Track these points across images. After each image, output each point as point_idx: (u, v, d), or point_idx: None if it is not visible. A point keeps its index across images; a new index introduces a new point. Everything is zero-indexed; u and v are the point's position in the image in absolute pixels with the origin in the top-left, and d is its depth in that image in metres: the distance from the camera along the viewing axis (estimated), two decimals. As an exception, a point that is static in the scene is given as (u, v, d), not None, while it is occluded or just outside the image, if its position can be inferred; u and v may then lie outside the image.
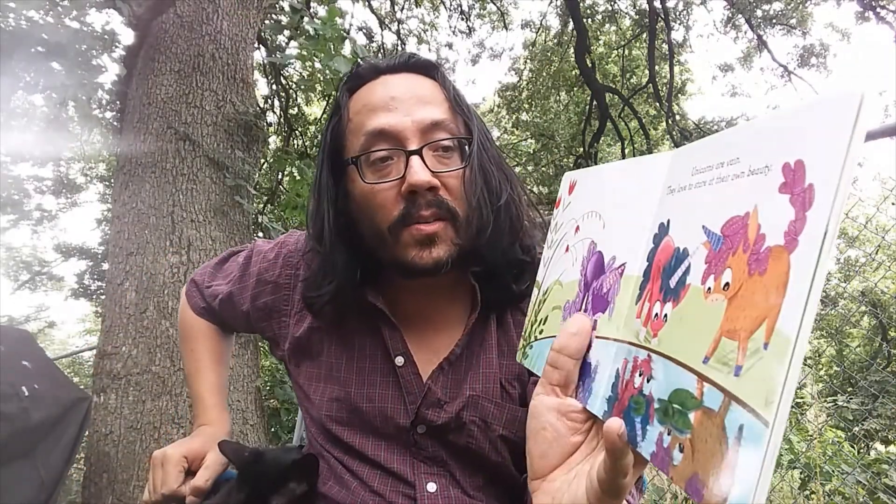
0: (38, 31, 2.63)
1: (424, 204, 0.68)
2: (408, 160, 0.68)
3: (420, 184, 0.66)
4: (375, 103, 0.71)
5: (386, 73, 0.75)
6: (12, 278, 11.96)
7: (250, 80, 2.98)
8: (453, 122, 0.71)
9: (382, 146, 0.69)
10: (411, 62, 0.76)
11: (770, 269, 0.30)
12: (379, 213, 0.70)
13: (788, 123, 0.32)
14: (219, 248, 2.53)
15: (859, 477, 2.49)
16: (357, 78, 0.76)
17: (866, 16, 6.65)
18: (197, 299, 0.99)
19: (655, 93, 7.06)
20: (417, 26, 8.07)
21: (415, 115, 0.69)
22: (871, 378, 5.62)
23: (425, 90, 0.73)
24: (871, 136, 1.73)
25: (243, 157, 2.75)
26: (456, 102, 0.73)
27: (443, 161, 0.70)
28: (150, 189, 2.50)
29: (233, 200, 2.64)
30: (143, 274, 2.38)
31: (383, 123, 0.69)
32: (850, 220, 3.15)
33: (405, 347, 0.76)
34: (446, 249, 0.69)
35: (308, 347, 0.81)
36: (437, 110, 0.71)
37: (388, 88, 0.72)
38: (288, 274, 0.85)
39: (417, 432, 0.75)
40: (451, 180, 0.70)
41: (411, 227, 0.68)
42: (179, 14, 2.78)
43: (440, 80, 0.75)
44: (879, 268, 6.20)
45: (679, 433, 0.33)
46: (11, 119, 3.59)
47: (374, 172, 0.70)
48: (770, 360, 0.28)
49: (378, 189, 0.69)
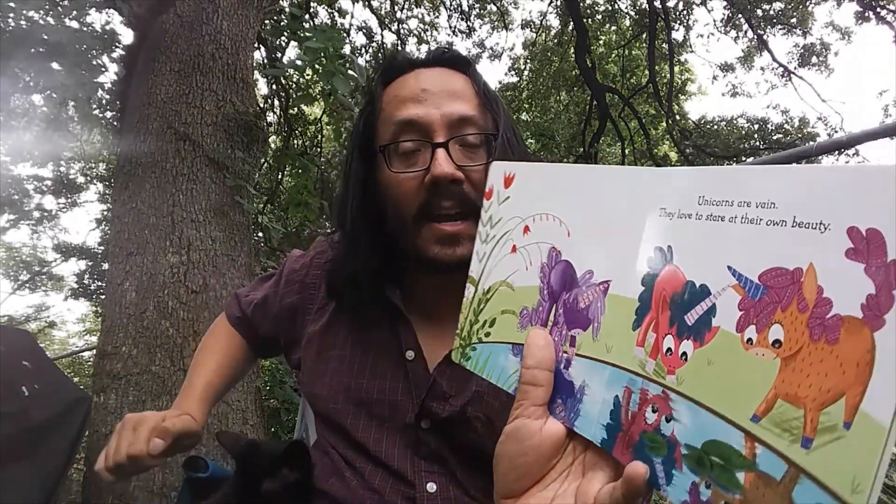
0: (38, 31, 2.63)
1: (447, 196, 0.69)
2: (433, 152, 0.69)
3: (443, 175, 0.68)
4: (406, 95, 0.73)
5: (419, 66, 0.77)
6: (12, 278, 11.97)
7: (250, 80, 2.98)
8: (482, 118, 0.73)
9: (410, 137, 0.71)
10: (445, 57, 0.78)
11: (844, 341, 0.29)
12: (403, 203, 0.72)
13: (851, 181, 0.30)
14: (219, 248, 2.53)
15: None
16: (391, 70, 0.78)
17: (866, 16, 6.65)
18: (234, 309, 1.00)
19: (655, 93, 7.06)
20: (417, 26, 8.07)
21: (444, 109, 0.71)
22: (871, 378, 5.62)
23: (456, 85, 0.74)
24: (872, 136, 1.73)
25: (243, 157, 2.75)
26: (486, 98, 0.74)
27: (468, 156, 0.71)
28: (150, 189, 2.50)
29: (233, 200, 2.64)
30: (143, 274, 2.38)
31: (412, 114, 0.71)
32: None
33: (416, 342, 0.77)
34: (470, 248, 0.70)
35: (323, 341, 0.82)
36: (466, 105, 0.72)
37: (420, 81, 0.74)
38: (315, 274, 0.87)
39: (422, 427, 0.75)
40: (476, 175, 0.71)
41: (433, 225, 0.70)
42: (179, 14, 2.78)
43: (472, 76, 0.76)
44: (879, 268, 6.20)
45: (725, 491, 0.32)
46: (11, 119, 3.59)
47: (400, 162, 0.72)
48: (856, 443, 0.27)
49: (403, 178, 0.71)
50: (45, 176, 8.85)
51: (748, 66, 8.66)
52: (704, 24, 19.98)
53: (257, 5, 3.07)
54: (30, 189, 8.68)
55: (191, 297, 2.38)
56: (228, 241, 2.58)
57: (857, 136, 1.80)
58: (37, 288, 12.29)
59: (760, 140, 8.53)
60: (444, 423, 0.74)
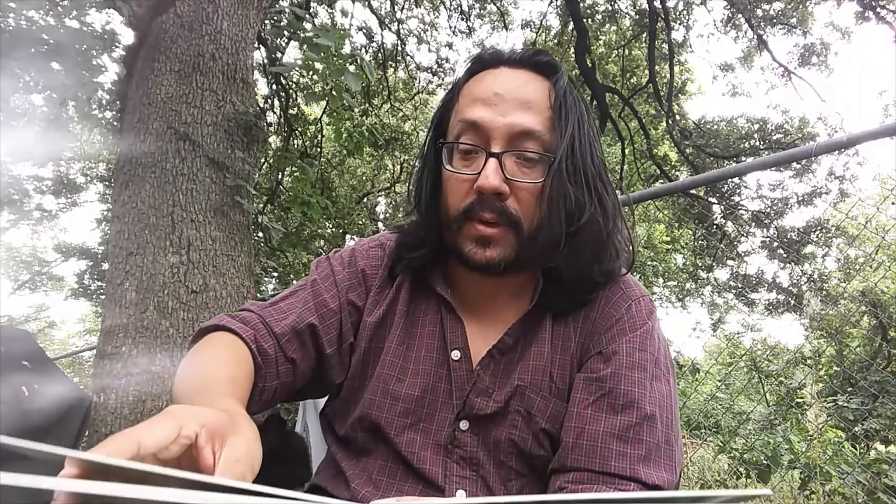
0: (38, 31, 2.63)
1: (489, 207, 0.69)
2: (486, 160, 0.69)
3: (488, 187, 0.68)
4: (481, 94, 0.72)
5: (505, 64, 0.76)
6: (12, 278, 11.96)
7: (250, 80, 2.98)
8: (549, 134, 0.71)
9: (470, 139, 0.71)
10: (534, 59, 0.76)
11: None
12: (452, 199, 0.73)
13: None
14: (219, 248, 2.53)
15: (859, 477, 2.49)
16: (479, 62, 0.78)
17: (866, 16, 6.65)
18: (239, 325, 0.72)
19: (655, 93, 7.06)
20: (417, 26, 8.07)
21: (510, 118, 0.70)
22: (871, 378, 5.62)
23: (533, 94, 0.72)
24: (872, 136, 1.73)
25: (243, 157, 2.75)
26: (560, 114, 0.72)
27: (523, 170, 0.70)
28: (150, 189, 2.50)
29: (233, 200, 2.64)
30: (143, 274, 2.38)
31: (478, 116, 0.70)
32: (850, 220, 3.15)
33: (464, 342, 0.76)
34: (501, 252, 0.70)
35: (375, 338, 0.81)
36: (535, 118, 0.70)
37: (498, 82, 0.73)
38: (375, 265, 0.85)
39: (459, 428, 0.74)
40: (524, 191, 0.70)
41: (472, 224, 0.70)
42: (179, 14, 2.78)
43: (554, 84, 0.74)
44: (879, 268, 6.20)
45: None
46: (11, 119, 3.59)
47: (458, 160, 0.73)
48: None
49: (456, 177, 0.72)
50: (45, 176, 8.84)
51: (748, 66, 8.66)
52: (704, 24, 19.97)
53: (257, 5, 3.06)
54: (30, 189, 8.68)
55: (191, 297, 2.38)
56: (228, 241, 2.58)
57: (857, 136, 1.80)
58: (37, 288, 12.28)
59: (760, 140, 8.53)
60: (484, 420, 0.74)
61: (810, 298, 8.84)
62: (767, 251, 9.00)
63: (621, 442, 0.66)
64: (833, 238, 8.57)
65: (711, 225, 8.37)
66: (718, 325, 10.66)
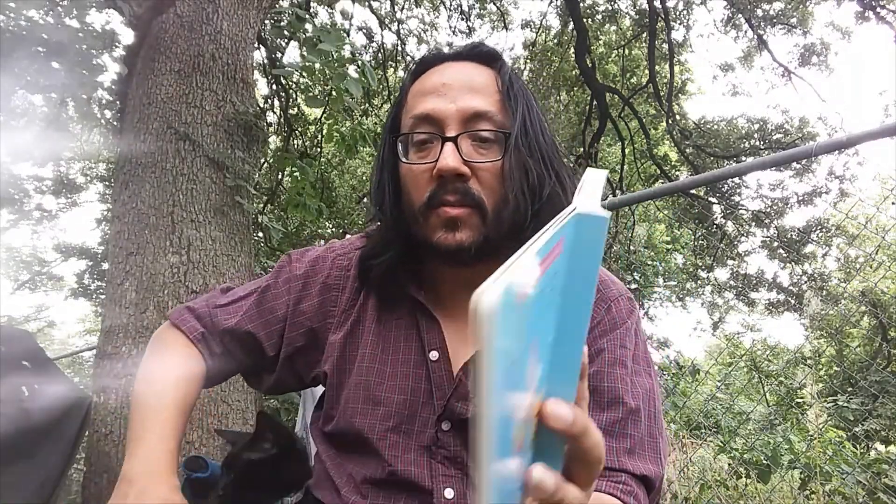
0: (38, 31, 2.63)
1: (451, 190, 0.69)
2: (443, 145, 0.70)
3: (448, 169, 0.68)
4: (428, 88, 0.74)
5: (448, 60, 0.77)
6: (12, 278, 11.97)
7: (250, 80, 2.98)
8: (500, 114, 0.72)
9: (424, 129, 0.72)
10: (475, 52, 0.78)
11: None
12: (414, 193, 0.73)
13: None
14: (219, 248, 2.53)
15: (859, 477, 2.49)
16: (423, 64, 0.79)
17: (866, 15, 6.65)
18: (192, 322, 0.84)
19: (655, 93, 7.06)
20: (417, 26, 8.07)
21: (460, 103, 0.71)
22: (871, 378, 5.62)
23: (479, 79, 0.74)
24: (872, 136, 1.73)
25: (243, 157, 2.75)
26: (508, 95, 0.73)
27: (479, 151, 0.71)
28: (150, 189, 2.50)
29: (233, 200, 2.64)
30: (143, 274, 2.38)
31: (429, 108, 0.72)
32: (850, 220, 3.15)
33: (441, 342, 0.76)
34: (469, 235, 0.70)
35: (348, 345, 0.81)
36: (485, 101, 0.72)
37: (444, 75, 0.75)
38: (337, 276, 0.85)
39: (442, 429, 0.74)
40: (484, 171, 0.71)
41: (438, 209, 0.70)
42: (179, 14, 2.78)
43: (498, 71, 0.76)
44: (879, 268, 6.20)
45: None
46: (11, 119, 3.59)
47: (414, 153, 0.73)
48: None
49: (415, 169, 0.73)
50: (45, 176, 8.84)
51: (748, 66, 8.66)
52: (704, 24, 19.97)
53: (257, 5, 3.06)
54: (30, 189, 8.68)
55: (191, 297, 2.38)
56: (228, 241, 2.58)
57: (857, 136, 1.80)
58: (37, 288, 12.28)
59: (760, 140, 8.53)
60: (466, 423, 0.74)
61: (810, 298, 8.85)
62: (767, 251, 9.00)
63: (608, 437, 0.68)
64: (833, 238, 8.57)
65: (711, 225, 8.37)
66: (718, 325, 10.66)
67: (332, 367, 0.81)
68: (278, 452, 0.77)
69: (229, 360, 0.84)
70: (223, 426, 2.26)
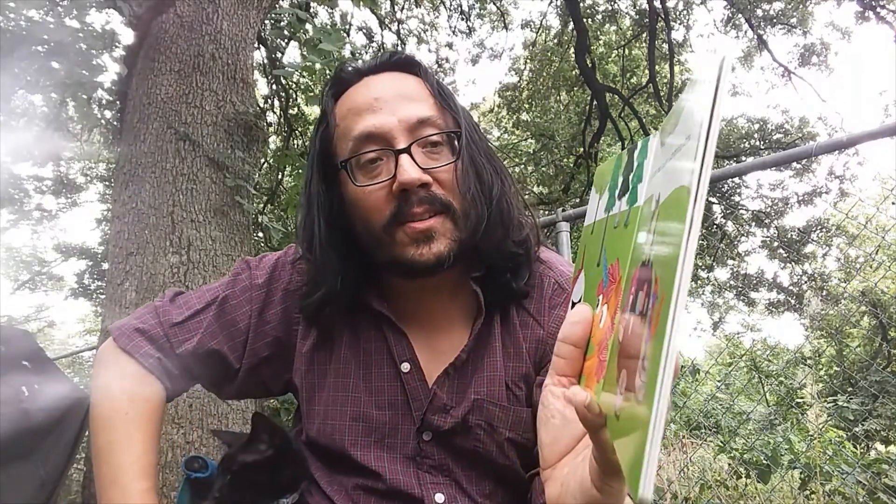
0: (38, 31, 2.63)
1: (416, 201, 0.67)
2: (397, 159, 0.67)
3: (411, 181, 0.66)
4: (360, 106, 0.71)
5: (368, 74, 0.75)
6: (12, 278, 11.97)
7: (250, 80, 2.98)
8: (440, 118, 0.71)
9: (371, 148, 0.69)
10: (392, 61, 0.76)
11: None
12: (373, 215, 0.70)
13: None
14: (219, 247, 2.53)
15: (859, 477, 2.49)
16: (340, 83, 0.76)
17: (866, 15, 6.65)
18: (145, 348, 0.78)
19: (655, 93, 7.06)
20: (417, 26, 8.06)
21: (400, 114, 0.69)
22: (871, 378, 5.62)
23: (409, 87, 0.72)
24: (871, 136, 1.73)
25: (243, 157, 2.75)
26: (441, 97, 0.72)
27: (432, 157, 0.70)
28: (150, 189, 2.50)
29: (233, 200, 2.64)
30: (143, 274, 2.38)
31: (370, 125, 0.69)
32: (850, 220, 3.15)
33: (412, 353, 0.75)
34: (446, 244, 0.68)
35: (316, 357, 0.79)
36: (422, 106, 0.71)
37: (371, 89, 0.72)
38: (299, 280, 0.82)
39: (423, 439, 0.74)
40: (443, 175, 0.69)
41: (405, 226, 0.68)
42: (179, 14, 2.78)
43: (423, 76, 0.74)
44: (879, 268, 6.20)
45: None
46: (11, 119, 3.58)
47: (364, 175, 0.70)
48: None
49: (370, 191, 0.69)
50: (45, 176, 8.84)
51: (748, 66, 8.66)
52: (704, 24, 19.96)
53: (257, 5, 3.06)
54: (30, 189, 8.68)
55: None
56: (228, 241, 2.58)
57: (857, 136, 1.80)
58: (37, 288, 12.28)
59: (760, 140, 8.53)
60: (445, 434, 0.73)
61: (810, 298, 8.84)
62: (767, 251, 9.01)
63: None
64: (833, 238, 8.57)
65: (711, 225, 8.37)
66: (718, 325, 10.66)
67: (301, 379, 0.80)
68: (274, 454, 0.76)
69: (188, 380, 0.81)
70: (223, 426, 2.26)
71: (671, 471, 3.10)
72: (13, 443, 1.88)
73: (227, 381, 0.83)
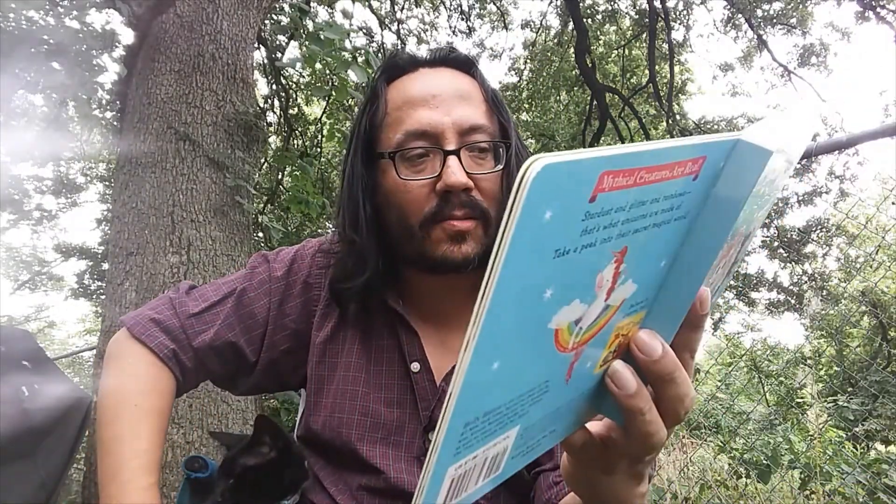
0: (38, 31, 2.63)
1: (458, 204, 0.68)
2: (445, 159, 0.68)
3: (456, 185, 0.67)
4: (416, 99, 0.71)
5: (425, 66, 0.75)
6: (12, 278, 11.97)
7: (250, 80, 2.98)
8: (490, 124, 0.72)
9: (420, 144, 0.69)
10: (451, 57, 0.76)
11: None
12: (410, 208, 0.70)
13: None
14: (219, 248, 2.53)
15: (859, 477, 2.48)
16: (395, 68, 0.76)
17: (866, 16, 6.65)
18: (160, 338, 0.75)
19: (655, 93, 7.06)
20: (417, 26, 8.06)
21: (454, 115, 0.69)
22: (871, 378, 5.62)
23: (465, 88, 0.73)
24: (871, 136, 1.73)
25: (243, 157, 2.75)
26: (493, 104, 0.73)
27: (478, 162, 0.70)
28: (150, 189, 2.50)
29: (233, 200, 2.64)
30: (143, 274, 2.38)
31: (424, 122, 0.69)
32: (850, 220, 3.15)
33: (422, 353, 0.76)
34: (474, 247, 0.69)
35: (329, 350, 0.79)
36: (476, 111, 0.71)
37: (428, 84, 0.72)
38: (318, 274, 0.82)
39: (429, 440, 0.74)
40: (485, 182, 0.70)
41: (444, 223, 0.69)
42: (179, 14, 2.78)
43: (478, 79, 0.75)
44: (879, 268, 6.20)
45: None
46: (11, 119, 3.58)
47: (408, 167, 0.70)
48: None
49: (412, 185, 0.70)
50: (45, 176, 8.85)
51: (748, 66, 8.66)
52: (704, 24, 19.98)
53: (257, 5, 3.06)
54: (30, 189, 8.68)
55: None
56: (228, 241, 2.58)
57: (857, 136, 1.80)
58: (37, 288, 12.29)
59: (760, 140, 8.51)
60: None
61: (811, 298, 8.84)
62: (767, 251, 9.00)
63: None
64: (833, 238, 8.57)
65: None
66: (718, 324, 10.66)
67: (312, 371, 0.80)
68: (276, 457, 0.76)
69: (201, 374, 0.80)
70: (223, 426, 2.26)
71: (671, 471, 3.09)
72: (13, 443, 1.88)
73: (242, 375, 0.82)
